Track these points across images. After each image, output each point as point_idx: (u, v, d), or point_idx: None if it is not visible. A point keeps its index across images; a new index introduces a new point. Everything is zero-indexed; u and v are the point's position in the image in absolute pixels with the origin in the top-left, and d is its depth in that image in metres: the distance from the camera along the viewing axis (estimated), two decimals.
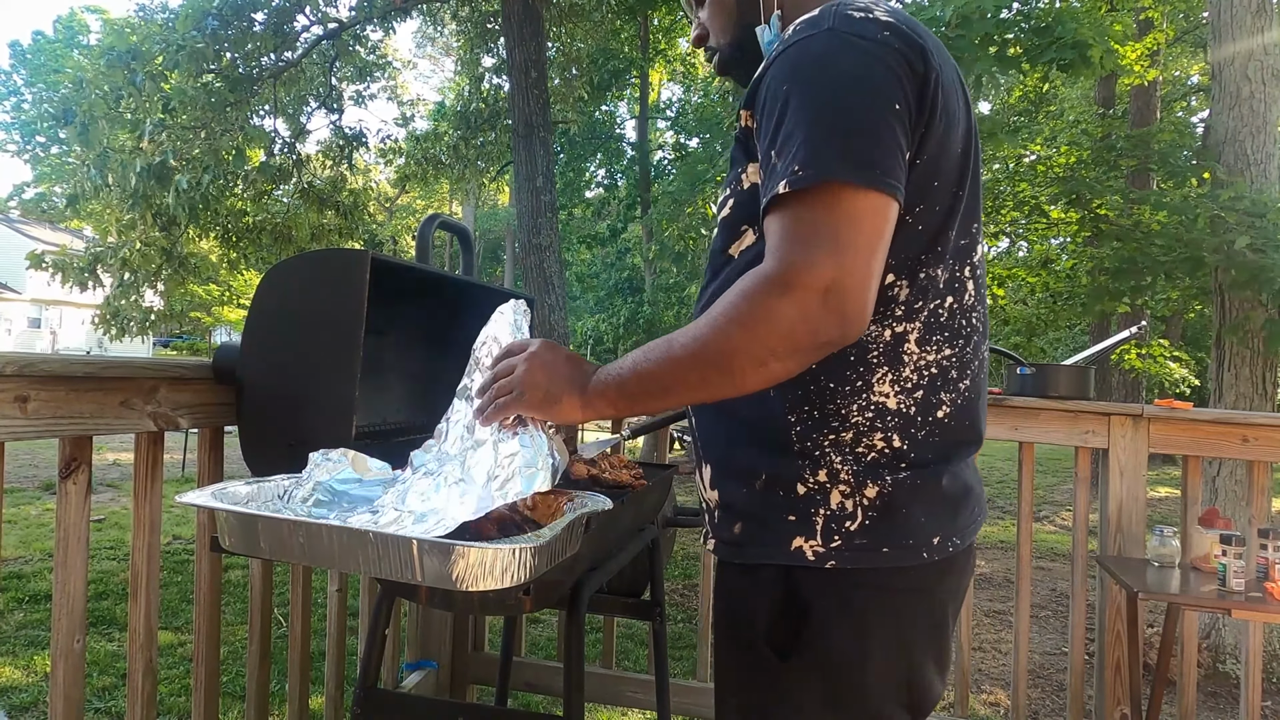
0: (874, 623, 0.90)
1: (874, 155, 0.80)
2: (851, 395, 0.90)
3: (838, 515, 0.90)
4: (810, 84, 0.83)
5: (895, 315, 0.89)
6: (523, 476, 0.92)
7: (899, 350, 0.90)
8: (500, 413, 0.95)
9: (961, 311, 0.94)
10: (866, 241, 0.79)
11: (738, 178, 0.96)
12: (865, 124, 0.81)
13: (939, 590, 0.94)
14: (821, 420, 0.90)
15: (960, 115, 0.91)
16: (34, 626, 3.86)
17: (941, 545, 0.92)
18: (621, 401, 0.89)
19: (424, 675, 2.36)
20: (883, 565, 0.89)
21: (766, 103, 0.87)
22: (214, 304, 21.98)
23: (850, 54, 0.83)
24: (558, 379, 0.93)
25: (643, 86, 13.86)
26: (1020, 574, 2.21)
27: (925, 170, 0.87)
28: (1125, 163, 6.45)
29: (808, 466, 0.91)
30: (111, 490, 7.45)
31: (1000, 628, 4.65)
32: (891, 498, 0.90)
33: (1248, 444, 2.12)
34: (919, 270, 0.90)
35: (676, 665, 3.64)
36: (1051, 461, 13.27)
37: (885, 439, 0.90)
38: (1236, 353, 4.24)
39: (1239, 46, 4.35)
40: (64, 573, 1.30)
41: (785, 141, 0.82)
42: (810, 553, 0.90)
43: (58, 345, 30.16)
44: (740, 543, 0.95)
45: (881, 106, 0.82)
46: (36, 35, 35.35)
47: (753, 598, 0.94)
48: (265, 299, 1.42)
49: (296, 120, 10.07)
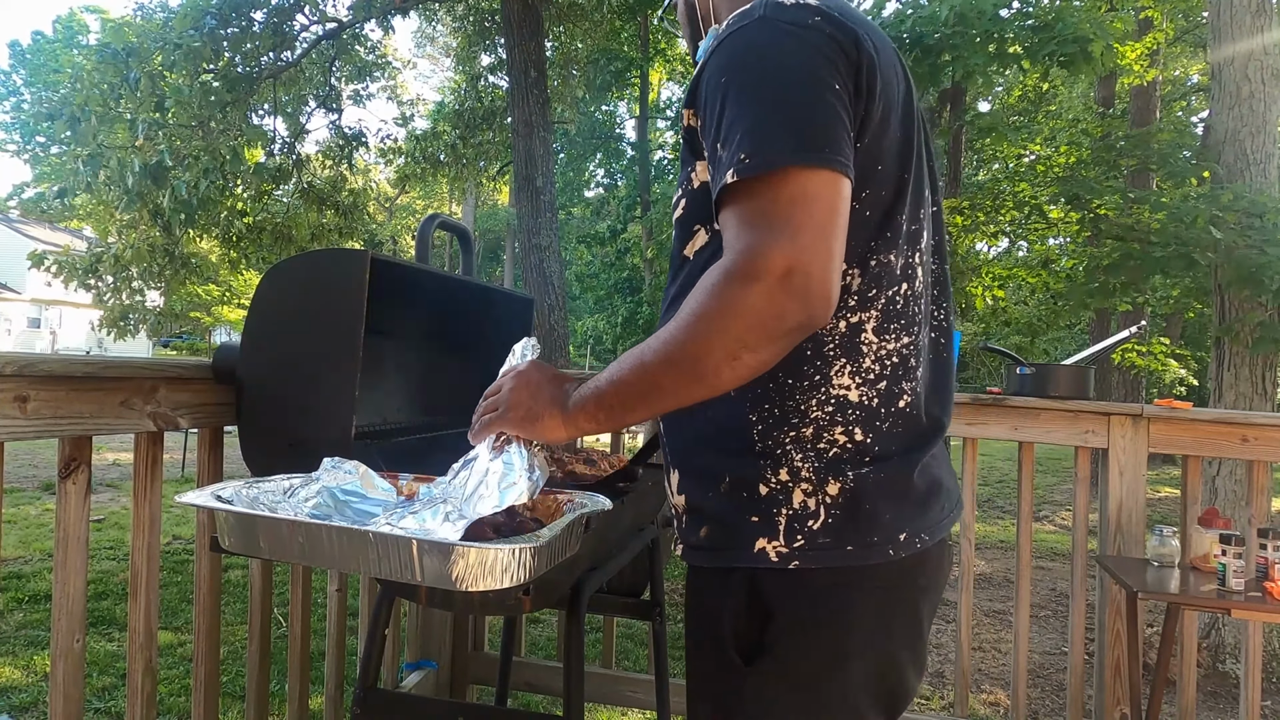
0: (840, 625, 0.88)
1: (818, 135, 0.79)
2: (810, 390, 0.89)
3: (800, 514, 0.88)
4: (747, 71, 0.83)
5: (849, 305, 0.89)
6: (499, 490, 0.92)
7: (856, 340, 0.89)
8: (486, 430, 0.97)
9: (914, 298, 0.93)
10: (821, 221, 0.78)
11: (688, 177, 0.96)
12: (806, 106, 0.80)
13: (908, 589, 0.92)
14: (782, 418, 0.89)
15: (899, 99, 0.90)
16: (34, 626, 3.86)
17: (909, 541, 0.90)
18: (601, 414, 0.87)
19: (424, 675, 2.36)
20: (847, 564, 0.88)
21: (707, 97, 0.86)
22: (214, 304, 21.99)
23: (784, 40, 0.83)
24: (540, 398, 0.93)
25: (643, 86, 13.87)
26: (1020, 574, 2.21)
27: (867, 154, 0.86)
28: (1125, 162, 6.46)
29: (769, 466, 0.90)
30: (111, 490, 7.45)
31: (1000, 628, 4.65)
32: (854, 494, 0.88)
33: (1247, 444, 2.12)
34: (870, 257, 0.89)
35: (676, 665, 3.63)
36: (1051, 461, 13.27)
37: (846, 432, 0.89)
38: (1236, 352, 4.24)
39: (1239, 46, 4.35)
40: (64, 573, 1.30)
41: (728, 131, 0.81)
42: (774, 554, 0.88)
43: (57, 345, 30.16)
44: (706, 546, 0.94)
45: (820, 88, 0.81)
46: (36, 35, 35.37)
47: (719, 602, 0.92)
48: (265, 299, 1.42)
49: (296, 120, 10.07)
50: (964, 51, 4.86)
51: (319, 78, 9.92)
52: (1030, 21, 4.98)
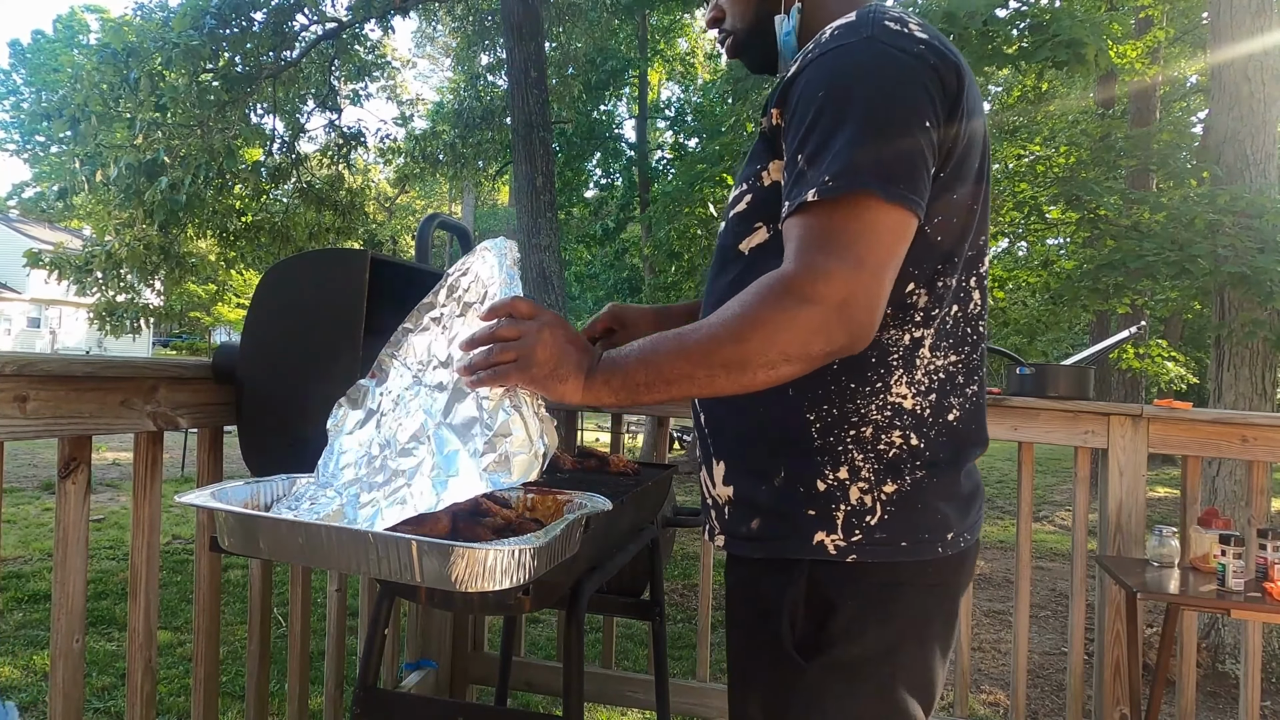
0: (897, 617, 0.92)
1: (902, 171, 0.82)
2: (871, 395, 0.92)
3: (857, 510, 0.92)
4: (847, 93, 0.85)
5: (915, 320, 0.92)
6: (514, 462, 0.87)
7: (915, 354, 0.93)
8: (498, 380, 0.89)
9: (967, 319, 0.97)
10: (884, 257, 0.82)
11: (757, 173, 0.97)
12: (897, 140, 0.83)
13: (952, 585, 0.97)
14: (841, 418, 0.92)
15: (979, 131, 0.94)
16: (33, 626, 3.85)
17: (955, 540, 0.94)
18: (624, 390, 0.87)
19: (424, 675, 2.36)
20: (902, 560, 0.92)
21: (799, 105, 0.88)
22: (212, 303, 21.96)
23: (888, 67, 0.85)
24: (566, 358, 0.89)
25: (641, 86, 13.84)
26: (1020, 574, 2.21)
27: (947, 184, 0.89)
28: (1125, 163, 6.45)
29: (828, 463, 0.93)
30: (111, 490, 7.45)
31: (1000, 628, 4.65)
32: (909, 494, 0.92)
33: (1247, 444, 2.12)
34: (937, 279, 0.92)
35: (676, 665, 3.64)
36: (1051, 461, 13.27)
37: (903, 436, 0.93)
38: (1236, 353, 4.24)
39: (1238, 47, 4.35)
40: (63, 572, 1.30)
41: (817, 148, 0.84)
42: (832, 547, 0.91)
43: (57, 345, 30.14)
44: (759, 537, 0.96)
45: (915, 123, 0.84)
46: (36, 35, 35.34)
47: (777, 592, 0.94)
48: (265, 298, 1.42)
49: (294, 119, 10.06)
50: None
51: (318, 77, 9.91)
52: (1028, 21, 4.97)
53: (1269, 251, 4.13)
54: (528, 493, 1.17)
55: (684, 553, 6.02)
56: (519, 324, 0.90)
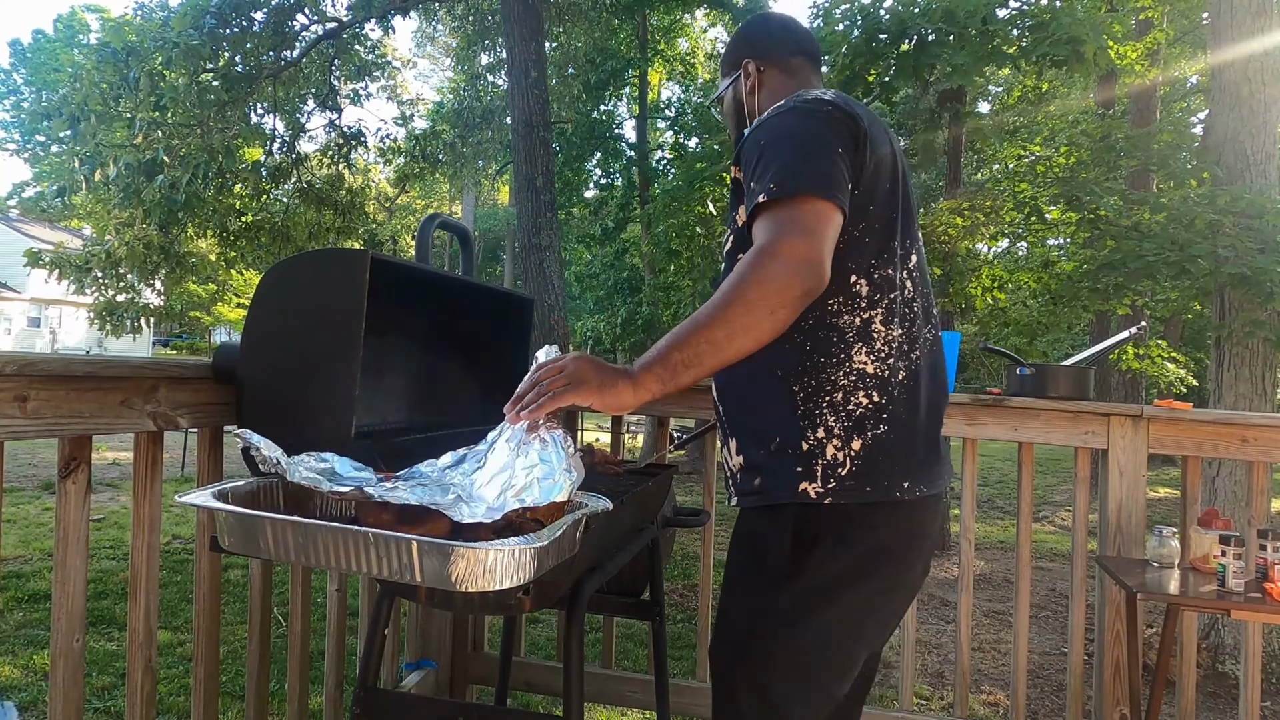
0: (860, 546, 1.17)
1: (825, 178, 1.10)
2: (837, 365, 1.18)
3: (831, 464, 1.17)
4: (778, 133, 1.16)
5: (860, 306, 1.19)
6: (540, 486, 0.95)
7: (868, 330, 1.19)
8: (555, 402, 1.02)
9: (905, 303, 1.24)
10: (825, 230, 1.08)
11: (733, 219, 1.27)
12: (818, 158, 1.12)
13: (911, 532, 1.21)
14: (817, 387, 1.18)
15: (887, 159, 1.22)
16: (33, 626, 3.85)
17: (910, 489, 1.19)
18: (667, 374, 1.03)
19: (424, 675, 2.36)
20: (866, 501, 1.16)
21: (747, 154, 1.18)
22: (212, 303, 21.95)
23: (806, 118, 1.17)
24: (605, 371, 1.06)
25: (641, 87, 13.83)
26: (1020, 574, 2.21)
27: (865, 196, 1.19)
28: (1125, 163, 6.45)
29: (808, 427, 1.18)
30: (111, 490, 7.45)
31: (1000, 628, 4.65)
32: (871, 448, 1.17)
33: (1247, 444, 2.12)
34: (873, 271, 1.20)
35: (676, 665, 3.64)
36: (1051, 462, 13.27)
37: (867, 396, 1.18)
38: (1236, 353, 4.24)
39: (1238, 47, 4.35)
40: (63, 572, 1.30)
41: (761, 172, 1.13)
42: (813, 493, 1.16)
43: (57, 345, 30.13)
44: (759, 491, 1.21)
45: (829, 147, 1.14)
46: (37, 34, 35.33)
47: (771, 534, 1.19)
48: (265, 298, 1.42)
49: (295, 119, 10.06)
50: (948, 50, 4.86)
51: (318, 77, 9.91)
52: (1029, 21, 4.97)
53: (1269, 252, 4.13)
54: None
55: (684, 553, 6.02)
56: (556, 362, 1.08)
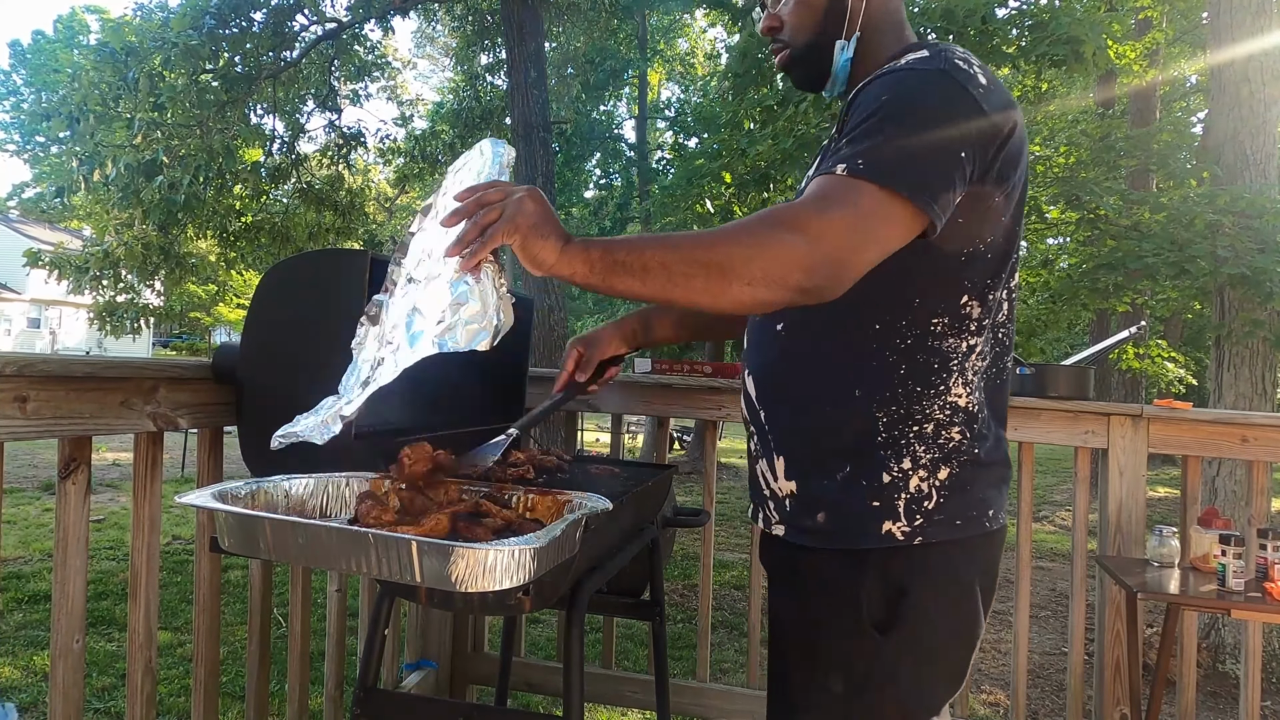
0: (956, 588, 1.03)
1: (924, 181, 0.89)
2: (935, 396, 1.03)
3: (916, 497, 1.02)
4: (907, 104, 0.94)
5: (970, 330, 1.03)
6: (464, 329, 0.88)
7: (971, 359, 1.04)
8: (487, 245, 0.88)
9: (1001, 326, 1.09)
10: (877, 240, 0.89)
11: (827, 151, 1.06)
12: (933, 155, 0.91)
13: (996, 559, 1.09)
14: (907, 415, 1.03)
15: (1024, 169, 1.03)
16: (34, 626, 3.85)
17: (996, 516, 1.07)
18: (600, 265, 0.87)
19: (424, 675, 2.36)
20: (958, 536, 1.03)
21: (861, 103, 0.97)
22: (212, 303, 21.94)
23: (950, 98, 0.94)
24: (547, 222, 0.88)
25: (641, 87, 13.86)
26: (1020, 574, 2.21)
27: (999, 209, 1.00)
28: (1125, 163, 6.45)
29: (892, 456, 1.02)
30: (111, 490, 7.44)
31: (1000, 628, 4.65)
32: (959, 479, 1.03)
33: (1247, 444, 2.12)
34: (987, 293, 1.03)
35: (676, 665, 3.64)
36: (1051, 461, 13.27)
37: (960, 431, 1.04)
38: (1236, 353, 4.24)
39: (1238, 47, 4.35)
40: (63, 572, 1.30)
41: (860, 136, 0.92)
42: (899, 534, 1.01)
43: (57, 345, 30.13)
44: (828, 531, 1.05)
45: (953, 151, 0.92)
46: (37, 35, 35.33)
47: (853, 581, 1.03)
48: (264, 299, 1.42)
49: (294, 120, 10.06)
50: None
51: (318, 77, 9.91)
52: (1028, 21, 4.97)
53: (1269, 252, 4.13)
54: (528, 493, 1.17)
55: (684, 553, 6.01)
56: (501, 189, 0.91)
